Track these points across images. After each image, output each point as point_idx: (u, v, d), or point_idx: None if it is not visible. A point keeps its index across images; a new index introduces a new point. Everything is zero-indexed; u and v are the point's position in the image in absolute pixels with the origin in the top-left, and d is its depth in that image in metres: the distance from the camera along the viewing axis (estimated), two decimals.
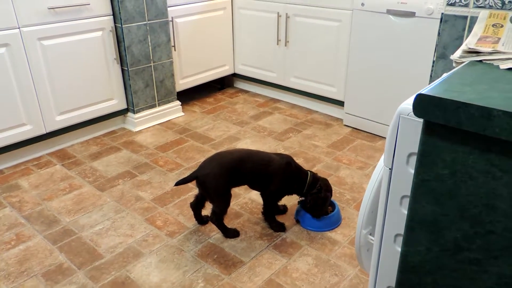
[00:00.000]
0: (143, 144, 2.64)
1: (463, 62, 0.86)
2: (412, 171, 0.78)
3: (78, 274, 1.65)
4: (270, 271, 1.67)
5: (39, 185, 2.22)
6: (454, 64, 0.86)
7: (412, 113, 0.71)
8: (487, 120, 0.63)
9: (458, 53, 0.88)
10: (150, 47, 2.74)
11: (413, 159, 0.82)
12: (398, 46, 2.43)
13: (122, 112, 2.81)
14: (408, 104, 0.82)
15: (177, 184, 1.79)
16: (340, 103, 2.89)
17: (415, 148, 0.78)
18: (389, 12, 2.41)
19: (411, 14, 2.31)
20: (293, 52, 3.01)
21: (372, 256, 0.97)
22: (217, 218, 1.80)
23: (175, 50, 2.94)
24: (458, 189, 0.72)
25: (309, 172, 1.87)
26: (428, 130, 0.72)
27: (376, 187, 0.99)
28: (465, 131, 0.67)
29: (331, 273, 1.66)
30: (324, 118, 3.00)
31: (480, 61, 0.86)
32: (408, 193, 0.82)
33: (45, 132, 2.44)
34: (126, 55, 2.63)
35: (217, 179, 1.73)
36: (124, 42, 2.60)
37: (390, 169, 0.86)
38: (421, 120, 0.71)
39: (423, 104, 0.69)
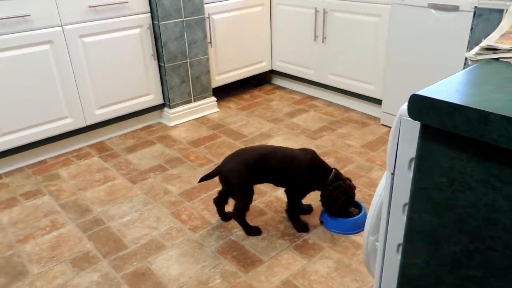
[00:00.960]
0: (176, 139, 2.70)
1: (478, 61, 0.79)
2: None
3: (103, 262, 1.72)
4: (289, 271, 1.64)
5: (77, 175, 2.33)
6: (469, 63, 0.79)
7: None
8: (484, 125, 0.57)
9: (475, 50, 0.81)
10: (186, 44, 2.78)
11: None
12: (440, 42, 2.29)
13: (159, 107, 2.88)
14: None
15: (201, 180, 1.81)
16: (378, 102, 2.78)
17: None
18: (430, 6, 2.27)
19: (455, 8, 2.17)
20: (330, 48, 2.94)
21: (376, 266, 0.92)
22: (239, 214, 1.80)
23: (211, 46, 2.97)
24: (457, 200, 0.66)
25: (333, 170, 1.82)
26: (425, 134, 0.66)
27: (383, 196, 0.94)
28: (462, 136, 0.61)
29: (351, 278, 1.60)
30: (360, 116, 2.91)
31: (497, 59, 0.78)
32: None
33: (85, 125, 2.56)
34: (163, 51, 2.70)
35: (239, 175, 1.73)
36: (161, 38, 2.66)
37: (392, 174, 0.81)
38: (418, 122, 0.66)
39: (417, 106, 0.64)
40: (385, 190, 0.83)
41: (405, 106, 0.76)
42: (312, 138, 2.64)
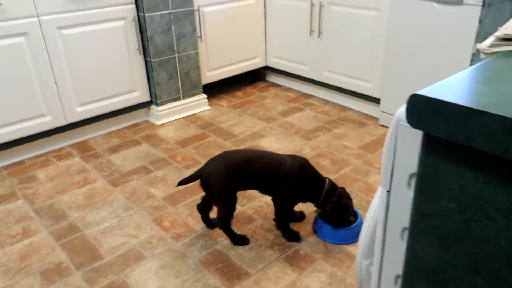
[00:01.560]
0: (163, 138, 2.55)
1: (493, 53, 0.65)
2: None
3: (75, 275, 1.57)
4: (277, 286, 1.50)
5: (55, 177, 2.19)
6: (482, 56, 0.65)
7: None
8: (509, 136, 0.43)
9: (489, 40, 0.67)
10: (174, 38, 2.64)
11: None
12: (443, 38, 2.15)
13: (145, 105, 2.74)
14: None
15: (180, 183, 1.67)
16: (376, 101, 2.64)
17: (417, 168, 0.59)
18: None
19: (459, 2, 2.02)
20: (327, 44, 2.79)
21: None
22: (223, 223, 1.66)
23: (201, 41, 2.82)
24: (470, 231, 0.52)
25: (327, 179, 1.68)
26: (429, 146, 0.52)
27: (377, 214, 0.80)
28: (478, 150, 0.47)
29: None
30: (358, 116, 2.77)
31: None
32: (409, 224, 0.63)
33: (65, 124, 2.41)
34: (148, 45, 2.55)
35: (221, 181, 1.58)
36: (146, 32, 2.51)
37: (388, 192, 0.67)
38: (420, 131, 0.52)
39: (418, 109, 0.50)
40: (379, 210, 0.69)
41: (402, 109, 0.62)
42: (307, 138, 2.50)
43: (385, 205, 0.67)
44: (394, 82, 2.45)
